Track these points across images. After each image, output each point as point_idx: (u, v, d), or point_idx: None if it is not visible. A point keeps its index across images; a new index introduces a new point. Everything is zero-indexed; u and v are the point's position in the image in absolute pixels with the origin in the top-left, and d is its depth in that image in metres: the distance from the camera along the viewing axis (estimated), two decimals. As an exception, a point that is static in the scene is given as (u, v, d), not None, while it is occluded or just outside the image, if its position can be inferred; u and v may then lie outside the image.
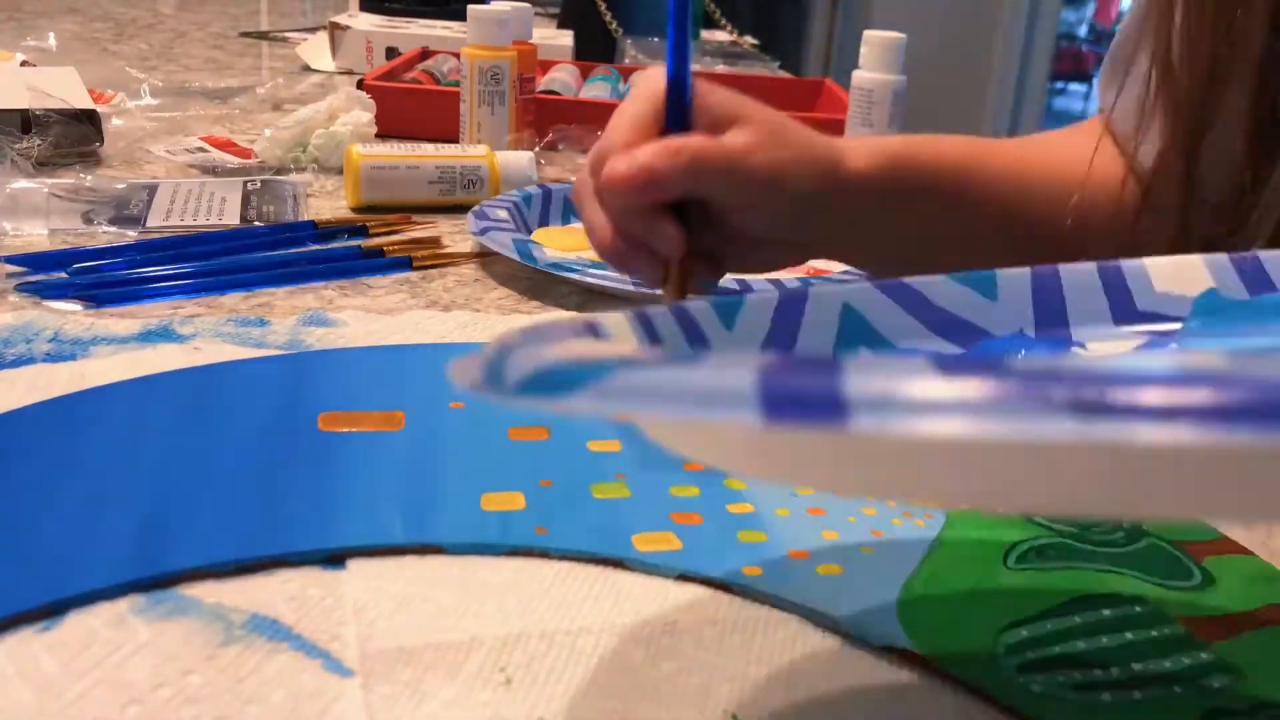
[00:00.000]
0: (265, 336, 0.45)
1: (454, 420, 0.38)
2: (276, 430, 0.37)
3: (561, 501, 0.34)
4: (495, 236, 0.56)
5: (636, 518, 0.33)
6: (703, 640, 0.29)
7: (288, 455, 0.35)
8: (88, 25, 1.35)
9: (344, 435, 0.37)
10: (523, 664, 0.27)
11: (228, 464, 0.35)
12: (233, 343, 0.44)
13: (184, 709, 0.25)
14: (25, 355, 0.41)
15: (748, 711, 0.26)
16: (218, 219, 0.61)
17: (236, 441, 0.36)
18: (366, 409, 0.39)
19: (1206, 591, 0.31)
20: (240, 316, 0.47)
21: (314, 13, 1.65)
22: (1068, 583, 0.31)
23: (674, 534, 0.33)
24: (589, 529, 0.33)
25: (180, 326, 0.45)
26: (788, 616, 0.30)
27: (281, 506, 0.32)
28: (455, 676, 0.27)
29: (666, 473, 0.36)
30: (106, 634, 0.27)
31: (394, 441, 0.37)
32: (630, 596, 0.30)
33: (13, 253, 0.53)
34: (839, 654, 0.29)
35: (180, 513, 0.32)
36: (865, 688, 0.27)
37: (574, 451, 0.37)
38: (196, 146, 0.75)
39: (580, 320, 0.25)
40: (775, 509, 0.34)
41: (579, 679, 0.27)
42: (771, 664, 0.28)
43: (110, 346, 0.43)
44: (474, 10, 0.75)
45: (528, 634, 0.28)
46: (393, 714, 0.25)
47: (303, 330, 0.46)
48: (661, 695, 0.26)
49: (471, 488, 0.34)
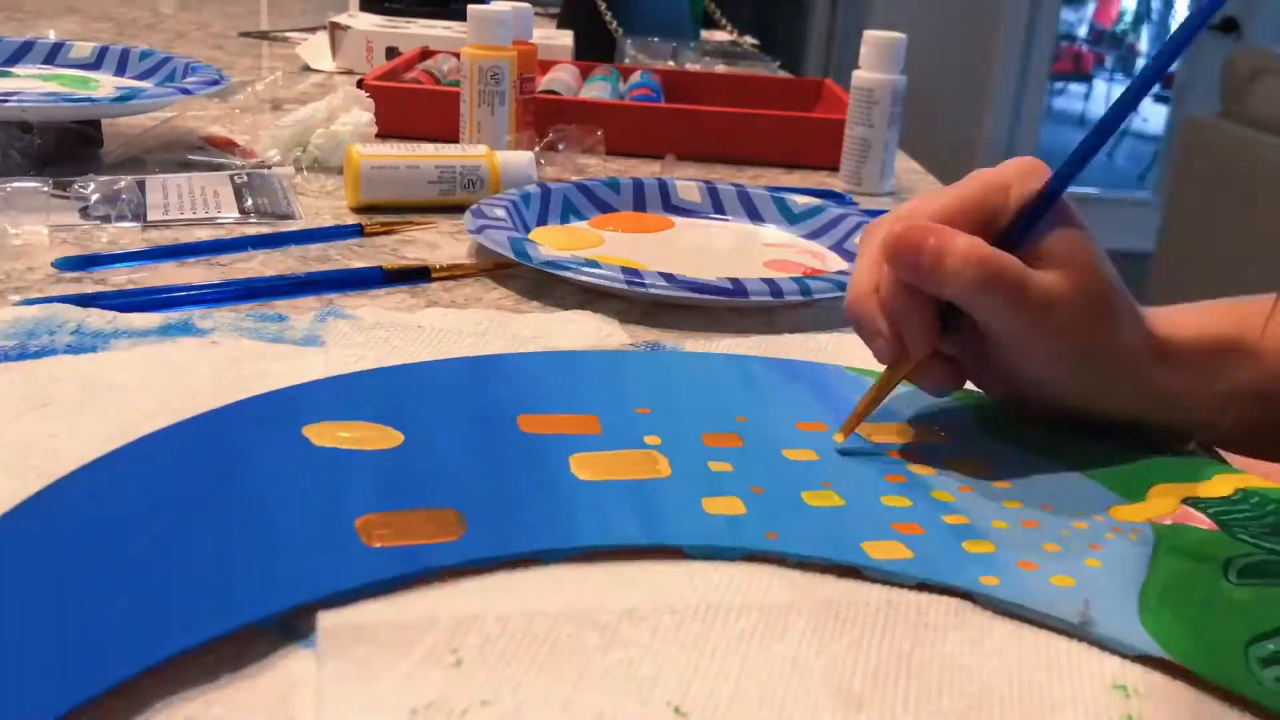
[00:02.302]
0: (283, 332, 0.45)
1: (645, 425, 0.39)
2: (485, 431, 0.37)
3: (781, 507, 0.34)
4: (492, 235, 0.56)
5: (859, 526, 0.34)
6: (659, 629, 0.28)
7: (507, 454, 0.36)
8: (88, 25, 1.35)
9: (548, 437, 0.37)
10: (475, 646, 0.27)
11: (452, 461, 0.35)
12: (251, 337, 0.45)
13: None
14: (48, 346, 0.42)
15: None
16: (215, 211, 0.62)
17: (451, 440, 0.36)
18: (557, 412, 0.39)
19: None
20: (258, 312, 0.48)
21: (314, 13, 1.64)
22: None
23: (901, 543, 0.33)
24: (818, 535, 0.33)
25: (200, 321, 0.46)
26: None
27: (514, 509, 0.33)
28: (408, 655, 0.27)
29: (873, 482, 0.36)
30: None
31: (596, 444, 0.37)
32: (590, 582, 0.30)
33: (13, 253, 0.53)
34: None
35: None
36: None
37: (772, 459, 0.37)
38: (196, 146, 0.75)
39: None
40: (991, 521, 0.35)
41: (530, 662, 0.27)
42: (719, 657, 0.28)
43: (130, 340, 0.43)
44: (474, 10, 0.75)
45: (483, 615, 0.28)
46: (342, 692, 0.25)
47: (320, 326, 0.46)
48: (609, 682, 0.26)
49: (688, 494, 0.34)
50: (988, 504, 0.36)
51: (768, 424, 0.40)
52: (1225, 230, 2.27)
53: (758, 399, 0.42)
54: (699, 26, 1.45)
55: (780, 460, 0.37)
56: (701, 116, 0.88)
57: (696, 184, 0.70)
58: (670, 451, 0.37)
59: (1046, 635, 0.30)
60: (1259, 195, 2.16)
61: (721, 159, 0.88)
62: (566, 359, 0.44)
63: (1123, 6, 5.25)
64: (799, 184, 0.83)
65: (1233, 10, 3.47)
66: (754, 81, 1.10)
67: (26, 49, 0.85)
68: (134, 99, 0.70)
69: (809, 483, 0.36)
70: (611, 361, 0.44)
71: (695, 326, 0.51)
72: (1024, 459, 0.39)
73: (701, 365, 0.45)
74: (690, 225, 0.67)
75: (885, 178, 0.81)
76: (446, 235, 0.63)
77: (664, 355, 0.46)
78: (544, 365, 0.43)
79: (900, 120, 0.80)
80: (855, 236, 0.64)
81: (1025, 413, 0.41)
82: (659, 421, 0.39)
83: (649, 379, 0.43)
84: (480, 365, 0.42)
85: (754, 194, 0.69)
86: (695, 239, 0.65)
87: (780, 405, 0.41)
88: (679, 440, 0.38)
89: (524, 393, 0.40)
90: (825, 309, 0.55)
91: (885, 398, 0.40)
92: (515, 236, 0.55)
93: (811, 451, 0.38)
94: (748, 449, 0.38)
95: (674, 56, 1.22)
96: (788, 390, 0.43)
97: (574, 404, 0.40)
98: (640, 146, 0.86)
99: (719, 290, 0.51)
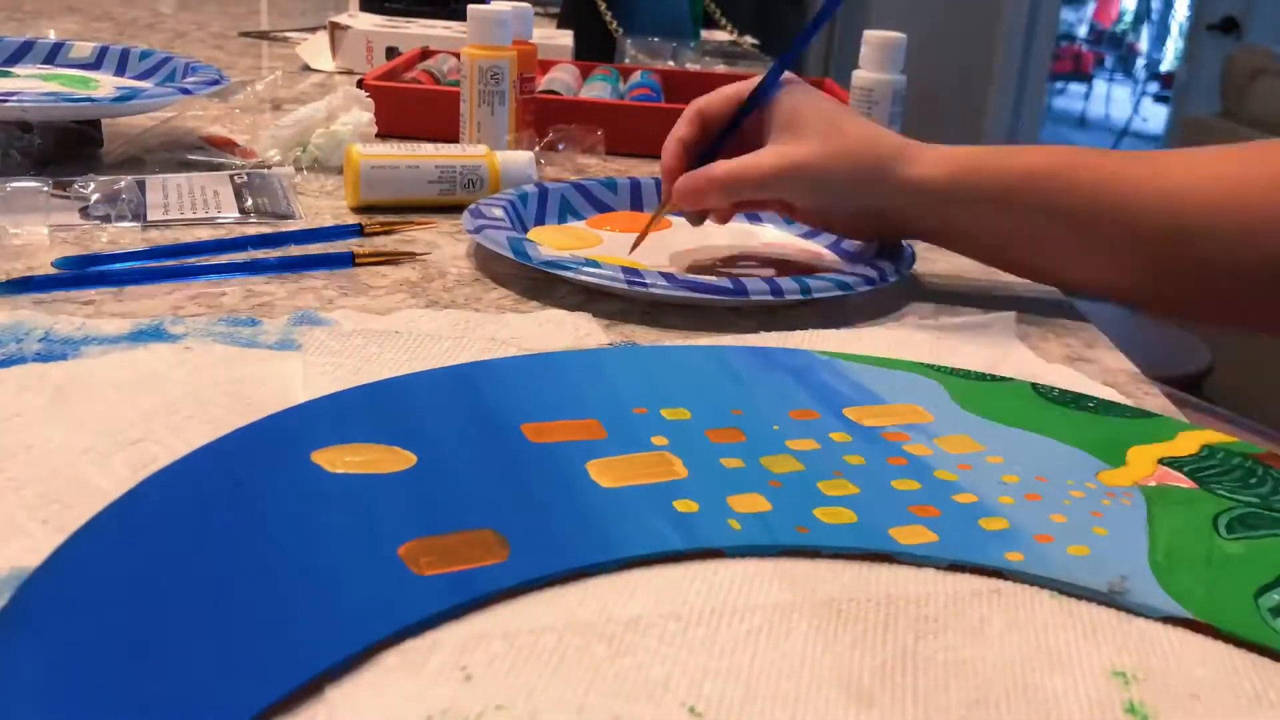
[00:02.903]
0: (256, 336, 0.45)
1: (647, 425, 0.39)
2: (493, 445, 0.37)
3: (802, 500, 0.35)
4: (490, 235, 0.55)
5: (879, 512, 0.34)
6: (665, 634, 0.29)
7: (523, 468, 0.35)
8: (88, 25, 1.35)
9: (558, 446, 0.37)
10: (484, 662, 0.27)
11: (470, 479, 0.34)
12: (224, 342, 0.44)
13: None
14: (16, 355, 0.41)
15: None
16: (215, 211, 0.62)
17: (462, 458, 0.36)
18: (558, 419, 0.39)
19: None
20: (232, 316, 0.47)
21: (314, 13, 1.64)
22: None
23: (924, 527, 0.34)
24: (843, 528, 0.34)
25: (171, 326, 0.45)
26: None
27: (551, 524, 0.32)
28: (417, 676, 0.26)
29: (880, 468, 0.37)
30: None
31: (607, 449, 0.37)
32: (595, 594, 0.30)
33: (13, 253, 0.53)
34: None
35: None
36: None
37: (780, 451, 0.38)
38: (196, 146, 0.75)
39: None
40: (998, 496, 0.36)
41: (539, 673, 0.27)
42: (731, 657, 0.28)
43: (101, 346, 0.43)
44: (474, 10, 0.75)
45: (489, 634, 0.28)
46: (354, 706, 0.25)
47: (294, 330, 0.46)
48: (621, 687, 0.27)
49: (714, 494, 0.35)
50: (990, 480, 0.37)
51: (763, 416, 0.40)
52: (1225, 230, 2.27)
53: (745, 391, 0.42)
54: (699, 26, 1.45)
55: (787, 452, 0.38)
56: (701, 116, 0.87)
57: (696, 184, 0.70)
58: (680, 451, 0.37)
59: (1041, 625, 0.30)
60: (1259, 195, 2.15)
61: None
62: (550, 361, 0.44)
63: (1123, 6, 5.25)
64: (799, 184, 0.82)
65: (1233, 9, 3.47)
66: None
67: (26, 49, 0.85)
68: (134, 99, 0.71)
69: (821, 473, 0.37)
70: (594, 361, 0.44)
71: (696, 326, 0.51)
72: (1004, 431, 0.41)
73: (679, 359, 0.45)
74: (688, 225, 0.67)
75: (885, 178, 0.81)
76: (446, 235, 0.63)
77: (641, 350, 0.46)
78: (530, 369, 0.43)
79: (900, 120, 0.80)
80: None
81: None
82: (660, 421, 0.39)
83: (635, 377, 0.43)
84: (469, 373, 0.42)
85: (754, 194, 0.69)
86: (693, 238, 0.65)
87: (768, 396, 0.42)
88: (685, 439, 0.38)
89: (521, 400, 0.40)
90: (826, 308, 0.55)
91: (657, 220, 0.60)
92: (514, 236, 0.55)
93: (813, 441, 0.39)
94: (751, 443, 0.38)
95: (674, 56, 1.22)
96: (769, 380, 0.43)
97: (573, 409, 0.40)
98: (640, 146, 0.86)
99: (719, 290, 0.51)
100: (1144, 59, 5.16)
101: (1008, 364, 0.48)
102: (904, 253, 0.59)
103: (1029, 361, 0.50)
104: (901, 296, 0.58)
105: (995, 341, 0.51)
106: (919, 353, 0.49)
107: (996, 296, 0.59)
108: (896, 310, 0.56)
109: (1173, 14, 4.91)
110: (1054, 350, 0.52)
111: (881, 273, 0.55)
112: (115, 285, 0.50)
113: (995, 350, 0.50)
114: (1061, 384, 0.46)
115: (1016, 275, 0.58)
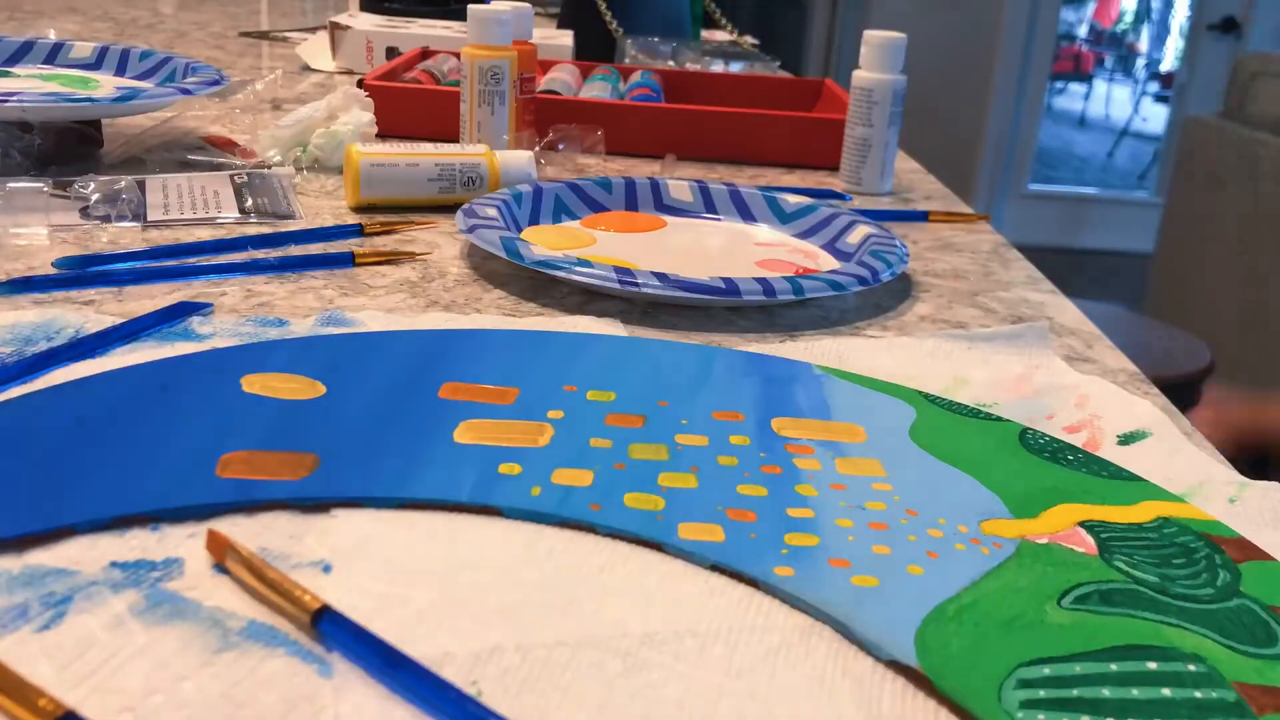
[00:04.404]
0: (283, 337, 0.45)
1: (560, 401, 0.40)
2: (404, 393, 0.40)
3: (627, 484, 0.35)
4: (483, 234, 0.55)
5: (693, 508, 0.34)
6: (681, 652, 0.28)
7: (406, 414, 0.38)
8: (88, 25, 1.35)
9: (456, 403, 0.39)
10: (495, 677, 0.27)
11: (354, 415, 0.38)
12: (250, 342, 0.44)
13: (176, 713, 0.25)
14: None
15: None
16: (215, 211, 0.62)
17: (368, 398, 0.39)
18: (487, 383, 0.41)
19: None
20: (259, 317, 0.48)
21: (314, 13, 1.64)
22: (1119, 630, 0.29)
23: (720, 527, 0.33)
24: (641, 513, 0.34)
25: (199, 327, 0.46)
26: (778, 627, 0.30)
27: (382, 458, 0.35)
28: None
29: (745, 470, 0.37)
30: (105, 638, 0.27)
31: (499, 413, 0.39)
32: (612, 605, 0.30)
33: (13, 253, 0.53)
34: (823, 672, 0.28)
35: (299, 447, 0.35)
36: (848, 707, 0.27)
37: (662, 441, 0.38)
38: (196, 146, 0.75)
39: None
40: (836, 518, 0.34)
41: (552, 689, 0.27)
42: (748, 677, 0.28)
43: (129, 345, 0.43)
44: (474, 10, 0.75)
45: (503, 647, 0.28)
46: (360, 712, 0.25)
47: (320, 330, 0.46)
48: (635, 708, 0.26)
49: (547, 464, 0.36)
50: (849, 504, 0.35)
51: (682, 412, 0.40)
52: (1225, 230, 2.27)
53: (692, 388, 0.42)
54: (699, 26, 1.45)
55: (664, 443, 0.38)
56: (701, 116, 0.88)
57: (688, 183, 0.70)
58: (565, 426, 0.38)
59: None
60: (1259, 195, 2.15)
61: (721, 159, 0.88)
62: (527, 337, 0.45)
63: (1123, 6, 5.25)
64: (799, 184, 0.83)
65: (1232, 9, 3.47)
66: (754, 81, 1.10)
67: (26, 49, 0.85)
68: (134, 99, 0.70)
69: (678, 465, 0.37)
70: (576, 342, 0.45)
71: (694, 326, 0.51)
72: (933, 465, 0.38)
73: (663, 353, 0.45)
74: (682, 225, 0.67)
75: (885, 178, 0.81)
76: (446, 235, 0.63)
77: (627, 341, 0.46)
78: (502, 341, 0.45)
79: (900, 120, 0.80)
80: (847, 235, 0.64)
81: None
82: (572, 398, 0.41)
83: (594, 361, 0.44)
84: (440, 338, 0.44)
85: (746, 193, 0.69)
86: (687, 238, 0.65)
87: (710, 396, 0.42)
88: (581, 416, 0.39)
89: (463, 364, 0.42)
90: (826, 309, 0.55)
91: None
92: (507, 236, 0.55)
93: (704, 438, 0.38)
94: (643, 430, 0.39)
95: (674, 56, 1.22)
96: (731, 383, 0.43)
97: (501, 378, 0.42)
98: (640, 146, 0.86)
99: (712, 290, 0.51)
100: (1144, 59, 5.16)
101: (1040, 376, 0.46)
102: (898, 251, 0.59)
103: (1061, 373, 0.47)
104: (902, 296, 0.58)
105: (1027, 352, 0.50)
106: (949, 363, 0.47)
107: (995, 295, 0.59)
108: (896, 310, 0.56)
109: (1173, 14, 4.90)
110: (1054, 350, 0.52)
111: (874, 272, 0.55)
112: (115, 285, 0.50)
113: (1027, 361, 0.48)
114: (1094, 394, 0.44)
115: None
